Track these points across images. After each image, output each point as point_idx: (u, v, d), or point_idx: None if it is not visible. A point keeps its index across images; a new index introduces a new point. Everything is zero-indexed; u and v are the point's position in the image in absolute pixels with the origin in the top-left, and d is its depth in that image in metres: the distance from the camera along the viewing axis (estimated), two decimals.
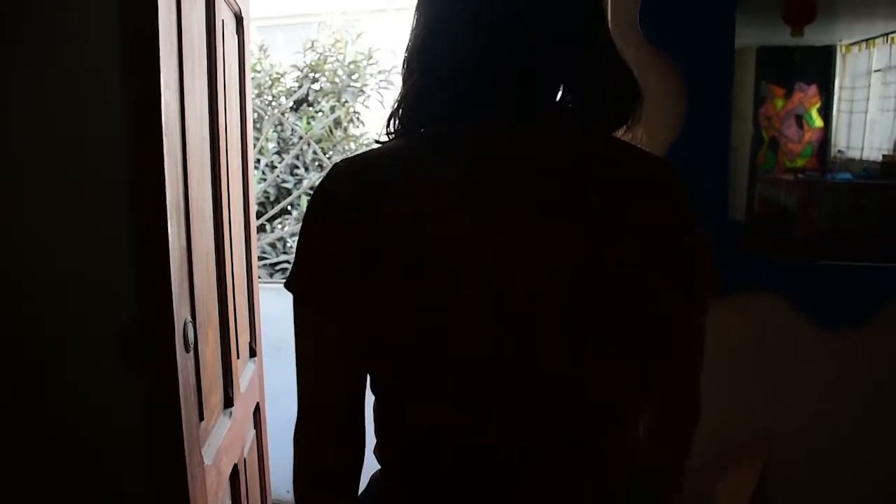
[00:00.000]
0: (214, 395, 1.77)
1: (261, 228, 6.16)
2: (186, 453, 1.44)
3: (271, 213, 6.66)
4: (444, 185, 0.80)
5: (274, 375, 2.59)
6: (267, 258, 6.42)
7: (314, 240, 0.83)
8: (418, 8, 0.86)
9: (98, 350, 1.45)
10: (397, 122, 0.85)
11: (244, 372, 2.16)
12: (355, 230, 0.79)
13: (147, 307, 1.38)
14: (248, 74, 2.30)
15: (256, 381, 2.31)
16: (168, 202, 1.34)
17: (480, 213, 0.80)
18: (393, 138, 0.86)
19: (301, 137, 6.54)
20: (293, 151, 6.52)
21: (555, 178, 0.82)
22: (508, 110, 0.83)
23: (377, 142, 0.87)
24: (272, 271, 6.48)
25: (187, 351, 1.47)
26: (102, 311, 1.44)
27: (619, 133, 0.88)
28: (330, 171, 0.84)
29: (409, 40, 0.85)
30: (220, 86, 1.85)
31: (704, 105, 1.56)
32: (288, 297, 0.84)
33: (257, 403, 2.31)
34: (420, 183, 0.81)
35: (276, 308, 2.75)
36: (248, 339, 2.25)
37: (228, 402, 1.92)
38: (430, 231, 0.79)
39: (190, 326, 1.48)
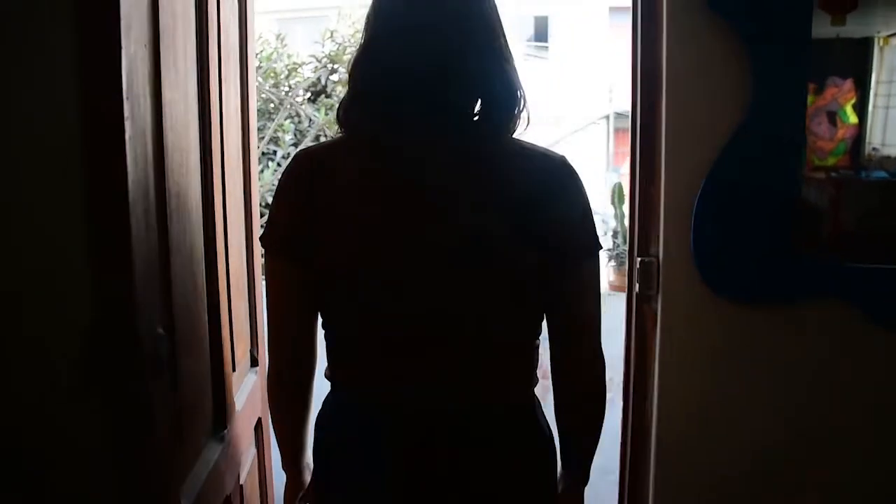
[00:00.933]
0: (200, 419, 1.48)
1: None
2: (155, 500, 1.14)
3: None
4: (364, 172, 1.07)
5: None
6: None
7: (276, 208, 1.11)
8: (364, 26, 1.09)
9: (44, 375, 1.11)
10: (342, 121, 1.10)
11: (242, 386, 1.87)
12: (302, 200, 1.07)
13: (102, 320, 1.06)
14: (252, 43, 2.00)
15: (258, 393, 2.02)
16: (130, 180, 1.01)
17: (391, 193, 1.06)
18: (340, 133, 1.11)
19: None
20: (306, 141, 6.37)
21: (456, 170, 1.06)
22: (427, 115, 1.06)
23: (325, 136, 1.10)
24: None
25: (159, 371, 1.16)
26: (49, 325, 1.10)
27: (519, 132, 1.11)
28: (292, 157, 1.12)
29: (354, 53, 1.08)
30: (213, 49, 1.55)
31: (774, 88, 1.42)
32: None
33: (259, 419, 2.02)
34: (345, 168, 1.08)
35: None
36: (247, 347, 1.96)
37: (221, 424, 1.63)
38: (350, 202, 1.06)
39: (163, 341, 1.17)
